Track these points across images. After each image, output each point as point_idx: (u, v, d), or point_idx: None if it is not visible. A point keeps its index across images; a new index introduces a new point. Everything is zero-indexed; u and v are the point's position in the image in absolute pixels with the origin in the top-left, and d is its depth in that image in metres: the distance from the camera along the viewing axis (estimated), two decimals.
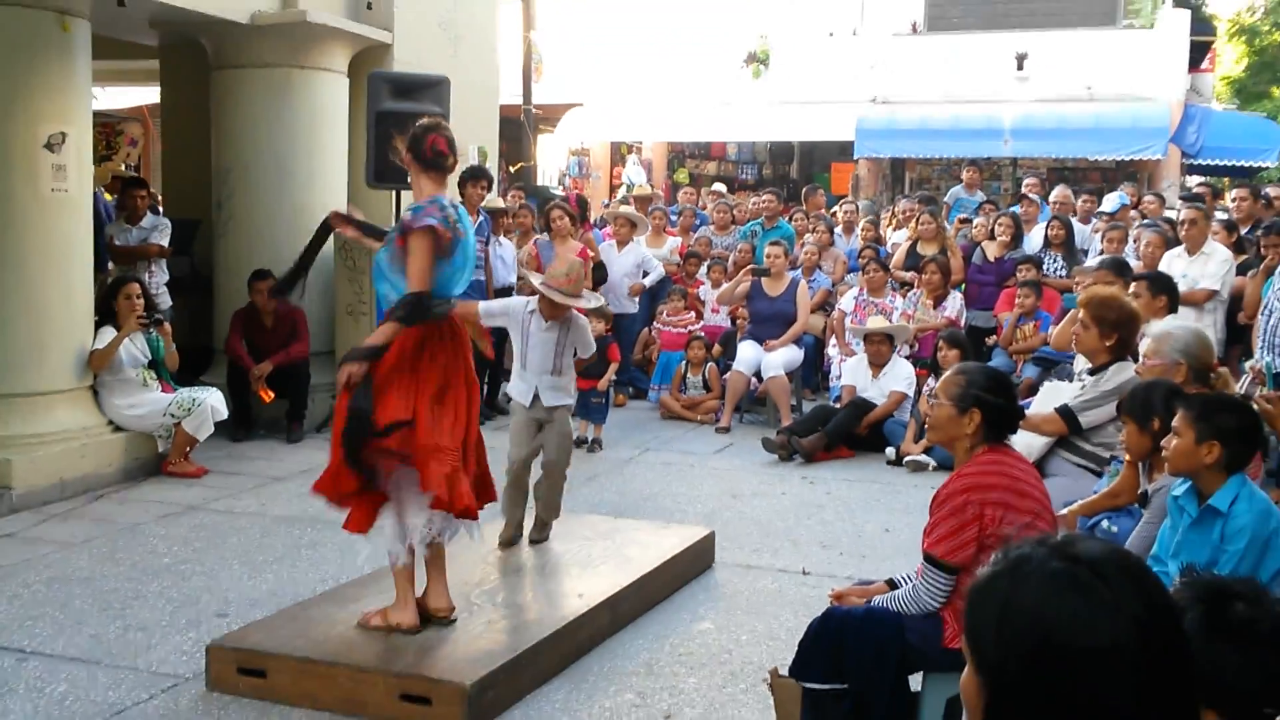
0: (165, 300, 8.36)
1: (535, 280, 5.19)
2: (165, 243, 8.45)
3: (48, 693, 3.97)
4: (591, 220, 11.88)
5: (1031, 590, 1.30)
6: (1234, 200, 9.32)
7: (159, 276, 8.44)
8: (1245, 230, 8.74)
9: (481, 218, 8.64)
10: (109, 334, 6.91)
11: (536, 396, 5.13)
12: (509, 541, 5.17)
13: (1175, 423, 3.35)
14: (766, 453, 7.77)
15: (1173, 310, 5.91)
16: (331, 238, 8.55)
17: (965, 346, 7.84)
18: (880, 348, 8.21)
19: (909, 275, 9.71)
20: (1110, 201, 11.57)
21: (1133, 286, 5.96)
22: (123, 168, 13.17)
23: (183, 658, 4.27)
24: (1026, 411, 4.61)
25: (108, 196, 10.51)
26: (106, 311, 7.02)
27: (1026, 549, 1.35)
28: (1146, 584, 1.32)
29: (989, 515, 3.19)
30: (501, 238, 9.21)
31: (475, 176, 8.63)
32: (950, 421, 3.36)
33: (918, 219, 10.18)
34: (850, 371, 8.49)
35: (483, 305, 5.28)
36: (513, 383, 5.27)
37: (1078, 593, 1.29)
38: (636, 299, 9.92)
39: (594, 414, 8.11)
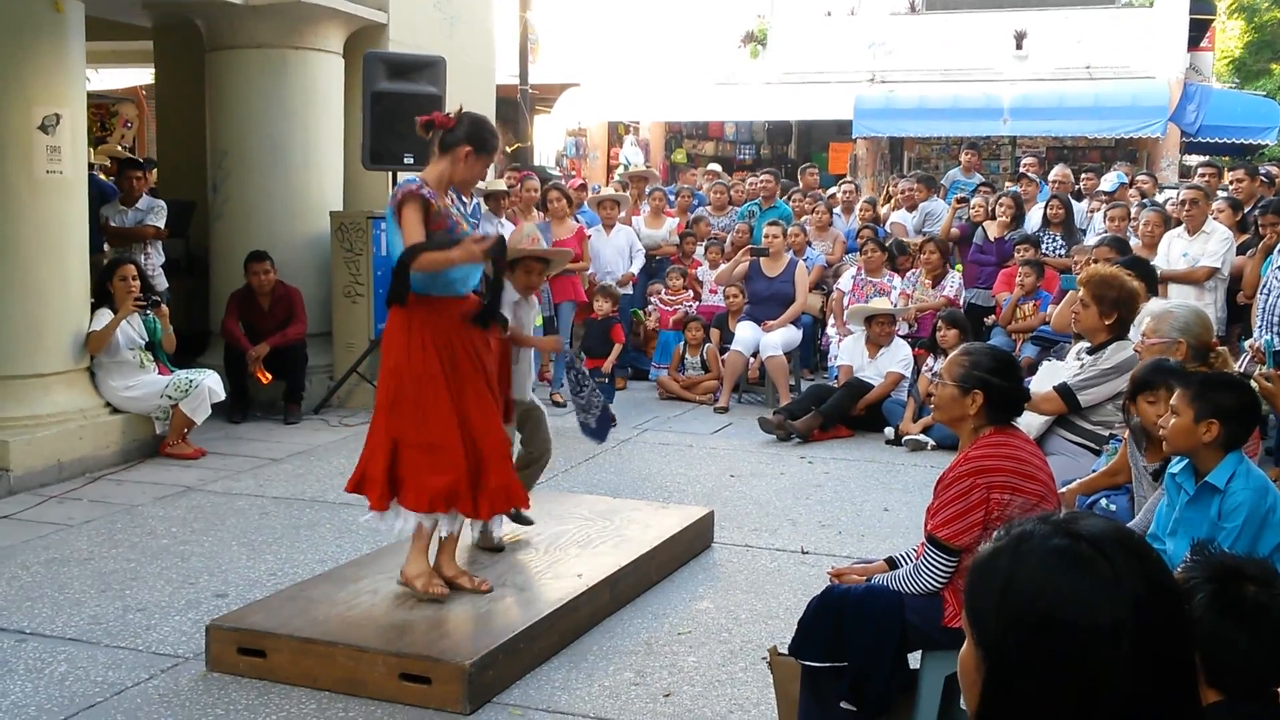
0: (161, 282, 8.34)
1: (531, 245, 4.92)
2: (161, 224, 8.43)
3: (47, 673, 3.98)
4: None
5: (1033, 567, 1.29)
6: (1231, 182, 9.30)
7: (155, 258, 8.42)
8: (1246, 210, 8.72)
9: (474, 201, 8.58)
10: (106, 316, 6.90)
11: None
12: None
13: (1174, 401, 3.35)
14: (764, 433, 7.77)
15: (1151, 294, 5.87)
16: (328, 218, 8.60)
17: (964, 326, 7.83)
18: (884, 328, 8.20)
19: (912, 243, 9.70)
20: (1108, 181, 11.56)
21: None
22: (120, 149, 13.11)
23: (182, 638, 4.28)
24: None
25: (103, 177, 10.48)
26: (102, 293, 7.00)
27: (1029, 526, 1.34)
28: (1148, 562, 1.31)
29: (995, 499, 3.18)
30: (503, 219, 9.12)
31: None
32: (954, 402, 3.35)
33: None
34: (847, 351, 8.48)
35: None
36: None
37: (1079, 570, 1.28)
38: (630, 283, 9.92)
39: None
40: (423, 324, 4.20)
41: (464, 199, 9.23)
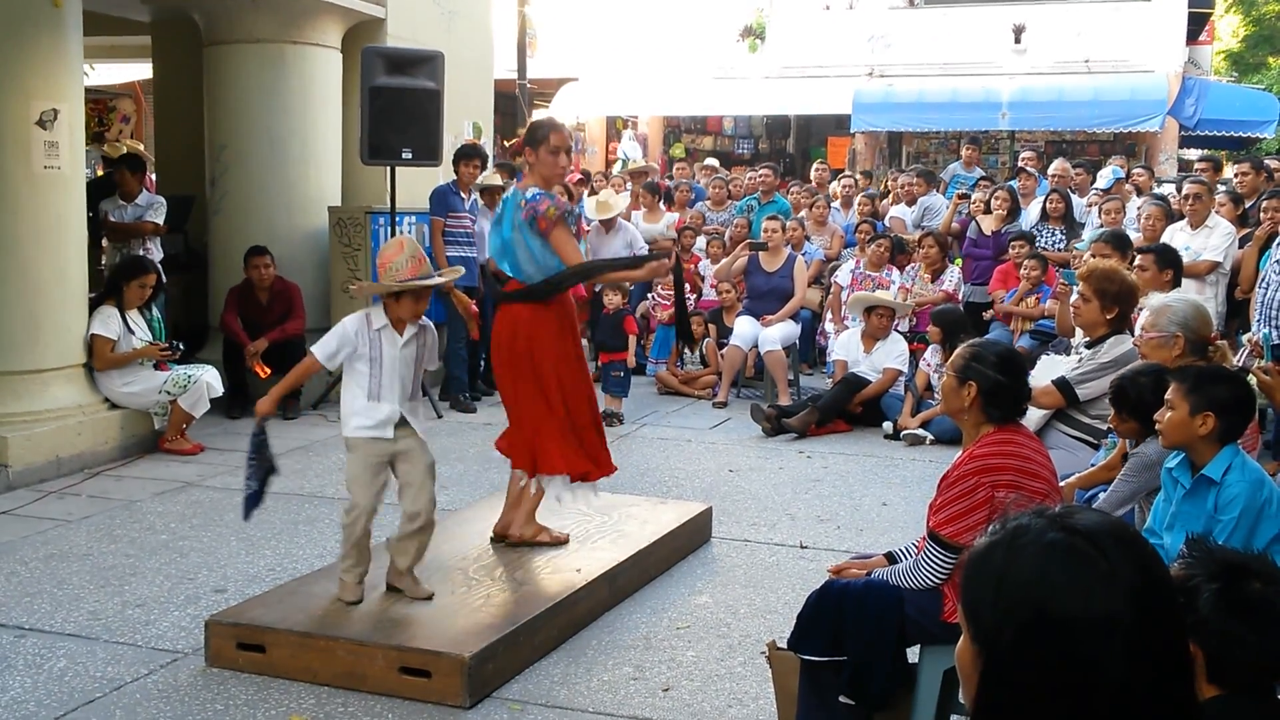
0: (160, 278, 8.33)
1: (389, 284, 4.11)
2: (160, 220, 8.42)
3: (47, 668, 3.98)
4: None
5: (1028, 561, 1.30)
6: (1236, 175, 9.29)
7: (154, 254, 8.42)
8: (1249, 204, 8.71)
9: (473, 197, 8.58)
10: (109, 314, 6.88)
11: (398, 424, 4.21)
12: (357, 599, 4.19)
13: (1169, 395, 3.34)
14: (754, 422, 7.77)
15: (1177, 285, 5.86)
16: (326, 213, 8.60)
17: (947, 325, 7.77)
18: (883, 320, 8.19)
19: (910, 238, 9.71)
20: (1104, 178, 11.55)
21: (1138, 260, 5.91)
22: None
23: (181, 633, 4.28)
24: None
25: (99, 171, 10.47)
26: (112, 288, 6.99)
27: (1024, 520, 1.34)
28: (1143, 555, 1.32)
29: (999, 499, 3.18)
30: None
31: (468, 155, 8.54)
32: (952, 393, 3.35)
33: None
34: (842, 346, 8.46)
35: (319, 349, 4.21)
36: (359, 419, 4.19)
37: (1074, 563, 1.28)
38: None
39: (614, 387, 8.14)
40: (565, 314, 4.79)
41: (462, 194, 9.18)
